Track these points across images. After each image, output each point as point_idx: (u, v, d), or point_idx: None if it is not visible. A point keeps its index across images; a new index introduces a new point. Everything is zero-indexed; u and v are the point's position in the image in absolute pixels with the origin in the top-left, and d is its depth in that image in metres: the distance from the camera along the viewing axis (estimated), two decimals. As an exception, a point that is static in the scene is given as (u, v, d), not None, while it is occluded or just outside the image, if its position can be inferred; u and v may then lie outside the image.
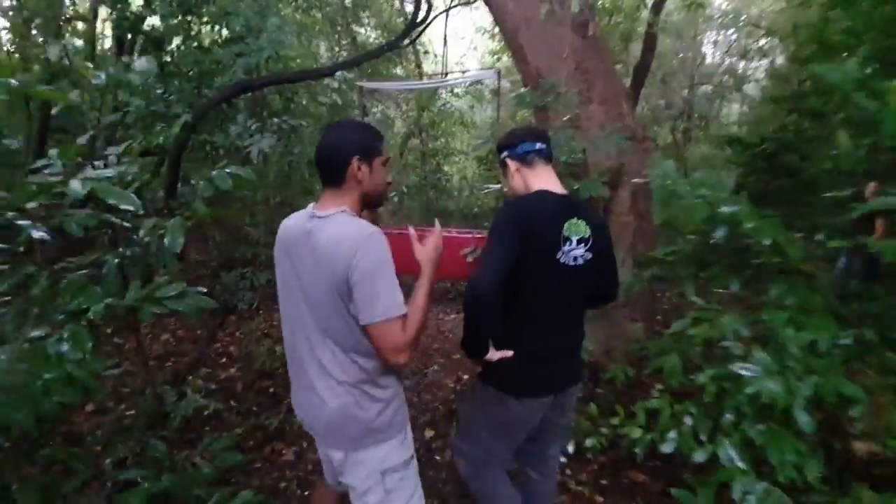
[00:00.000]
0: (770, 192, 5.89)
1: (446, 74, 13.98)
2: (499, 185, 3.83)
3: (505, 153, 1.61)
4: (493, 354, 1.50)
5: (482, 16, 15.21)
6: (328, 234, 1.26)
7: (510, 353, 1.50)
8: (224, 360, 3.76)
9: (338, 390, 1.32)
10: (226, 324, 4.44)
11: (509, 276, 1.38)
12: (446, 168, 10.96)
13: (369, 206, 1.43)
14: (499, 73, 6.17)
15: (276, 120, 3.95)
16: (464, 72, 8.12)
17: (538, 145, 1.57)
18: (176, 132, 4.30)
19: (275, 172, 4.99)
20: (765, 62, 16.03)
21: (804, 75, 7.76)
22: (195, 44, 4.96)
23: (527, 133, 1.60)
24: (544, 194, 1.51)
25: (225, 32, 5.01)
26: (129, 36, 5.70)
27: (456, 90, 11.71)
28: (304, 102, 6.29)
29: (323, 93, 5.06)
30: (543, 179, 1.56)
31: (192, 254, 6.83)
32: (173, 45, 4.79)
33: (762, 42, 15.58)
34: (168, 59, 4.87)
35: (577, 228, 1.47)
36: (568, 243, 1.46)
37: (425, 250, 1.43)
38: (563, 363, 1.57)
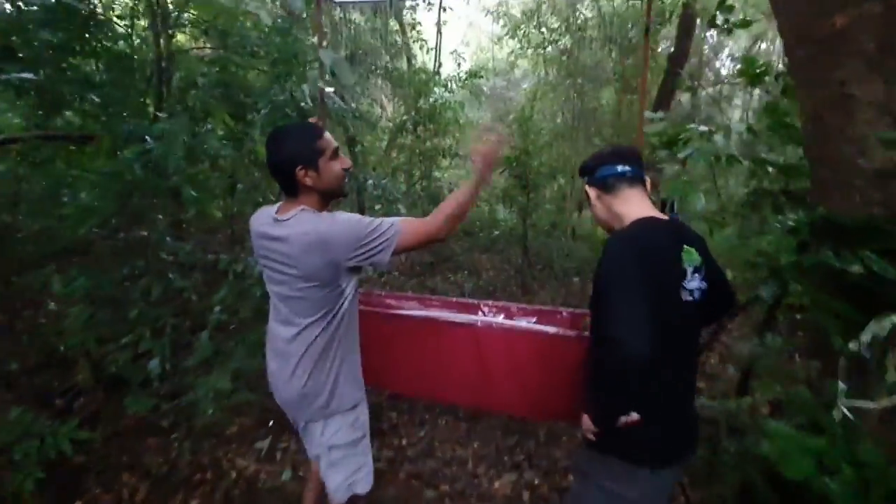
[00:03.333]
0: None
1: (440, 66, 11.19)
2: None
3: (585, 179, 1.36)
4: (625, 419, 1.21)
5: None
6: (295, 233, 1.28)
7: (636, 416, 1.20)
8: None
9: (302, 364, 1.37)
10: None
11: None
12: (437, 173, 8.24)
13: (331, 198, 1.41)
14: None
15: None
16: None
17: (620, 168, 1.28)
18: None
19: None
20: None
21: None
22: None
23: (608, 155, 1.33)
24: (651, 222, 1.22)
25: None
26: None
27: (451, 84, 9.03)
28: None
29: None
30: (636, 205, 1.26)
31: None
32: None
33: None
34: None
35: (690, 257, 1.22)
36: (685, 277, 1.20)
37: (484, 150, 1.41)
38: (691, 422, 1.29)
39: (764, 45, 11.21)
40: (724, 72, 12.25)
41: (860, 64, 1.31)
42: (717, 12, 2.15)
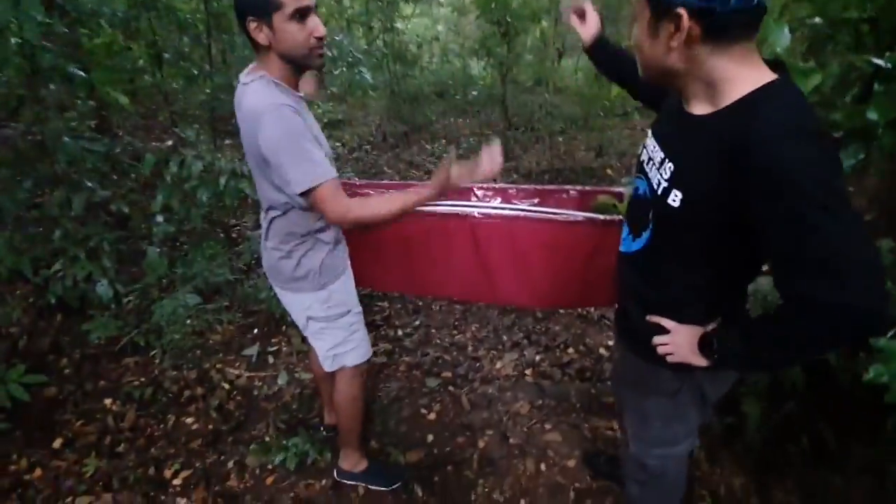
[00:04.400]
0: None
1: None
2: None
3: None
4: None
5: None
6: (247, 102, 1.16)
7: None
8: None
9: (268, 237, 1.36)
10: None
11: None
12: (399, 24, 7.08)
13: (298, 68, 1.18)
14: None
15: None
16: None
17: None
18: None
19: None
20: None
21: None
22: None
23: None
24: (798, 93, 0.76)
25: None
26: None
27: None
28: None
29: None
30: (757, 67, 0.78)
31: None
32: None
33: None
34: None
35: None
36: None
37: (452, 172, 1.17)
38: None
39: None
40: None
41: None
42: None
